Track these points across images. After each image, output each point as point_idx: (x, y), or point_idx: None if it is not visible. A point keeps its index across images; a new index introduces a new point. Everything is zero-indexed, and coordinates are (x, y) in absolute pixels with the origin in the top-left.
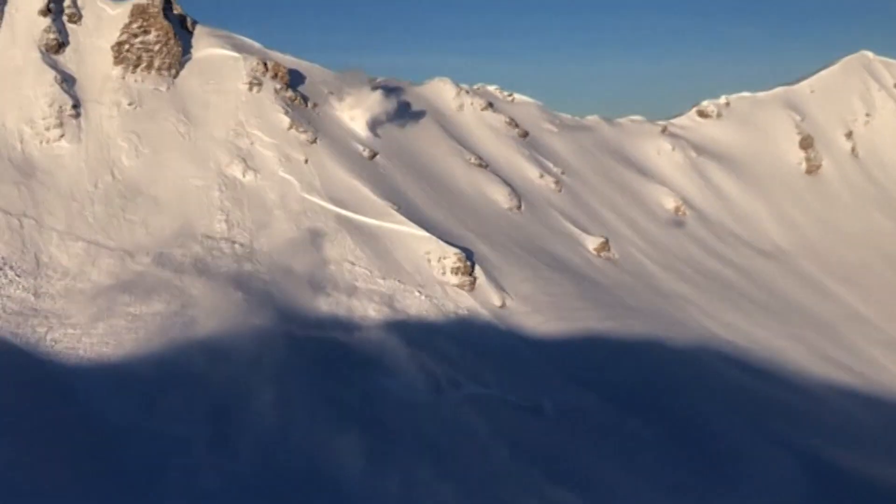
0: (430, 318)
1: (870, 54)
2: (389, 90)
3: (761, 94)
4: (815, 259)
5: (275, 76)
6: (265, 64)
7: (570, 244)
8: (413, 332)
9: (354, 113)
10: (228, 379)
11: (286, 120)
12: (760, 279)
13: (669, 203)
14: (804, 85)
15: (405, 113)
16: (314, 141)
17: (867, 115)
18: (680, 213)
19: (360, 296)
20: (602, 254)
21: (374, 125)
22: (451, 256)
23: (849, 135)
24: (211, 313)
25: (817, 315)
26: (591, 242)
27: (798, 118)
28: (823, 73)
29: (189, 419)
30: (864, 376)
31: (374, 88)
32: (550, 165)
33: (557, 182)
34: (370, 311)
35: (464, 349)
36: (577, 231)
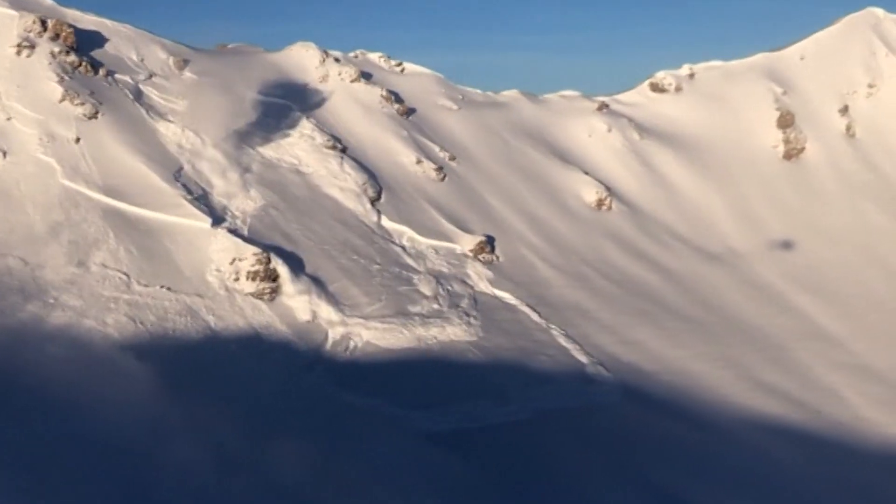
0: (191, 337)
1: (879, 12)
2: (232, 56)
3: (735, 63)
4: (778, 264)
5: (56, 37)
6: (43, 22)
7: (436, 245)
8: (157, 358)
9: (167, 84)
10: None
11: (59, 90)
12: (696, 288)
13: (591, 195)
14: (793, 50)
15: (239, 83)
16: (94, 115)
17: (870, 85)
18: (604, 206)
19: (101, 308)
20: (480, 256)
21: (193, 97)
22: (249, 257)
23: (844, 110)
24: None
25: (764, 332)
26: (467, 242)
27: (780, 91)
28: (819, 34)
29: None
30: (805, 409)
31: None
32: (436, 150)
33: (440, 169)
34: (109, 328)
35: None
36: (451, 229)
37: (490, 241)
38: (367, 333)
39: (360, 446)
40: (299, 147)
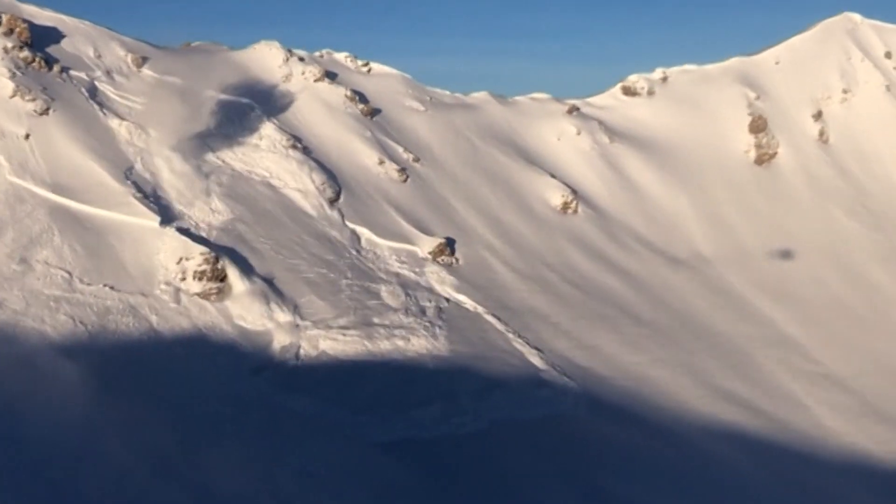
0: (132, 337)
1: (856, 17)
2: (193, 54)
3: (710, 67)
4: (745, 269)
5: (10, 32)
6: None
7: (394, 246)
8: (95, 358)
9: (124, 81)
10: None
11: (10, 85)
12: (659, 293)
13: (556, 198)
14: (768, 55)
15: (199, 81)
16: (46, 111)
17: (845, 91)
18: (569, 210)
19: (40, 306)
20: (439, 258)
21: (150, 95)
22: (197, 257)
23: (818, 115)
24: None
25: (727, 338)
26: (427, 244)
27: (753, 96)
28: (794, 39)
29: None
30: (767, 416)
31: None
32: (400, 150)
33: (403, 170)
34: (47, 327)
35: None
36: (411, 230)
37: (450, 244)
38: (325, 343)
39: (301, 454)
40: (257, 147)
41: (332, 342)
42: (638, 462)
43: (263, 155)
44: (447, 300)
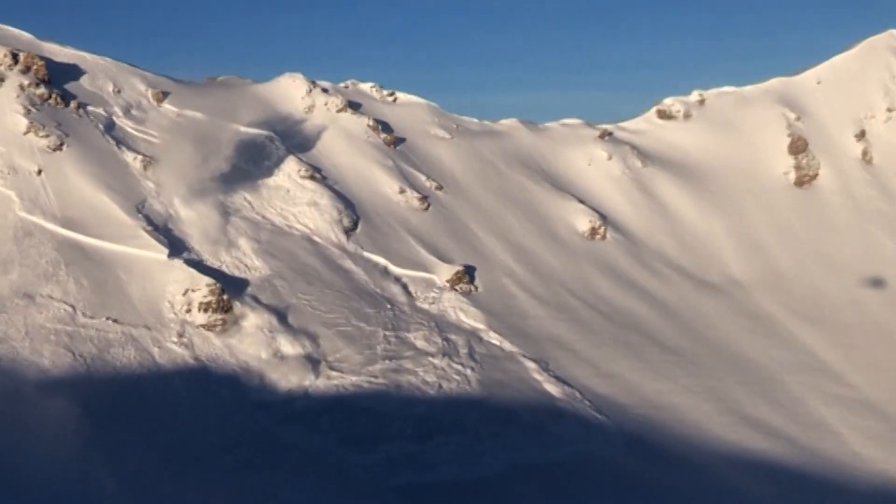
0: (131, 369)
1: None
2: (216, 89)
3: (749, 88)
4: (780, 294)
5: (26, 70)
6: (14, 55)
7: (411, 275)
8: (90, 390)
9: (143, 116)
10: None
11: (24, 122)
12: (688, 319)
13: (583, 223)
14: (809, 75)
15: (220, 115)
16: (59, 147)
17: (889, 110)
18: (597, 235)
19: (40, 340)
20: (458, 286)
21: (169, 129)
22: (203, 288)
23: (861, 135)
24: None
25: (757, 364)
26: (444, 272)
27: (793, 116)
28: (837, 58)
29: None
30: (794, 443)
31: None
32: (423, 179)
33: (424, 199)
34: (44, 360)
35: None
36: (429, 258)
37: (469, 271)
38: (333, 376)
39: (295, 490)
40: (277, 178)
41: (339, 376)
42: (648, 491)
43: (281, 185)
44: (462, 328)
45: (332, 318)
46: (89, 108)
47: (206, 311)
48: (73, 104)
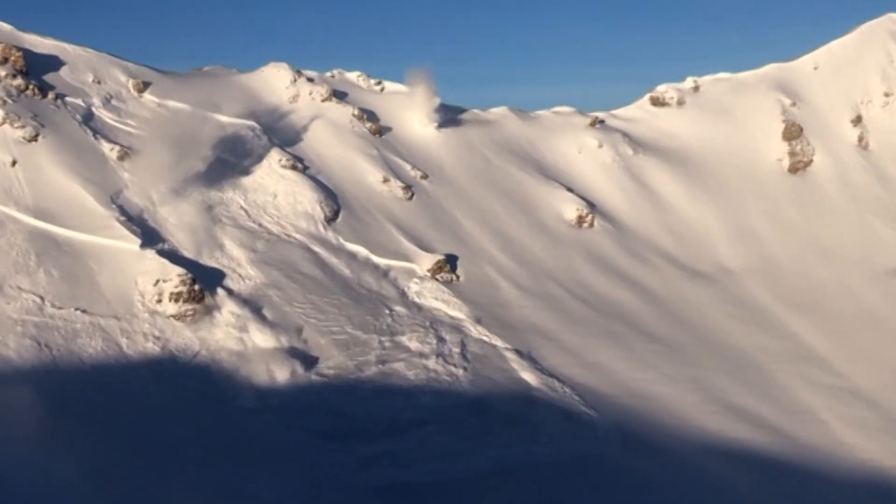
0: (98, 360)
1: None
2: (199, 79)
3: (744, 74)
4: (772, 282)
5: (4, 61)
6: None
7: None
8: (55, 381)
9: (123, 106)
10: None
11: None
12: (676, 308)
13: (570, 212)
14: (806, 60)
15: (202, 105)
16: (34, 138)
17: (887, 94)
18: (584, 224)
19: (5, 331)
20: (439, 276)
21: (149, 119)
22: (174, 278)
23: (857, 121)
24: None
25: (745, 354)
26: (425, 261)
27: (788, 102)
28: (834, 43)
29: None
30: (778, 432)
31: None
32: (408, 168)
33: (408, 188)
34: (10, 351)
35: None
36: (411, 248)
37: (451, 260)
38: (307, 366)
39: (262, 482)
40: (258, 168)
41: (315, 369)
42: (624, 480)
43: (261, 176)
44: (441, 318)
45: (307, 309)
46: (68, 98)
47: (176, 301)
48: (51, 95)
